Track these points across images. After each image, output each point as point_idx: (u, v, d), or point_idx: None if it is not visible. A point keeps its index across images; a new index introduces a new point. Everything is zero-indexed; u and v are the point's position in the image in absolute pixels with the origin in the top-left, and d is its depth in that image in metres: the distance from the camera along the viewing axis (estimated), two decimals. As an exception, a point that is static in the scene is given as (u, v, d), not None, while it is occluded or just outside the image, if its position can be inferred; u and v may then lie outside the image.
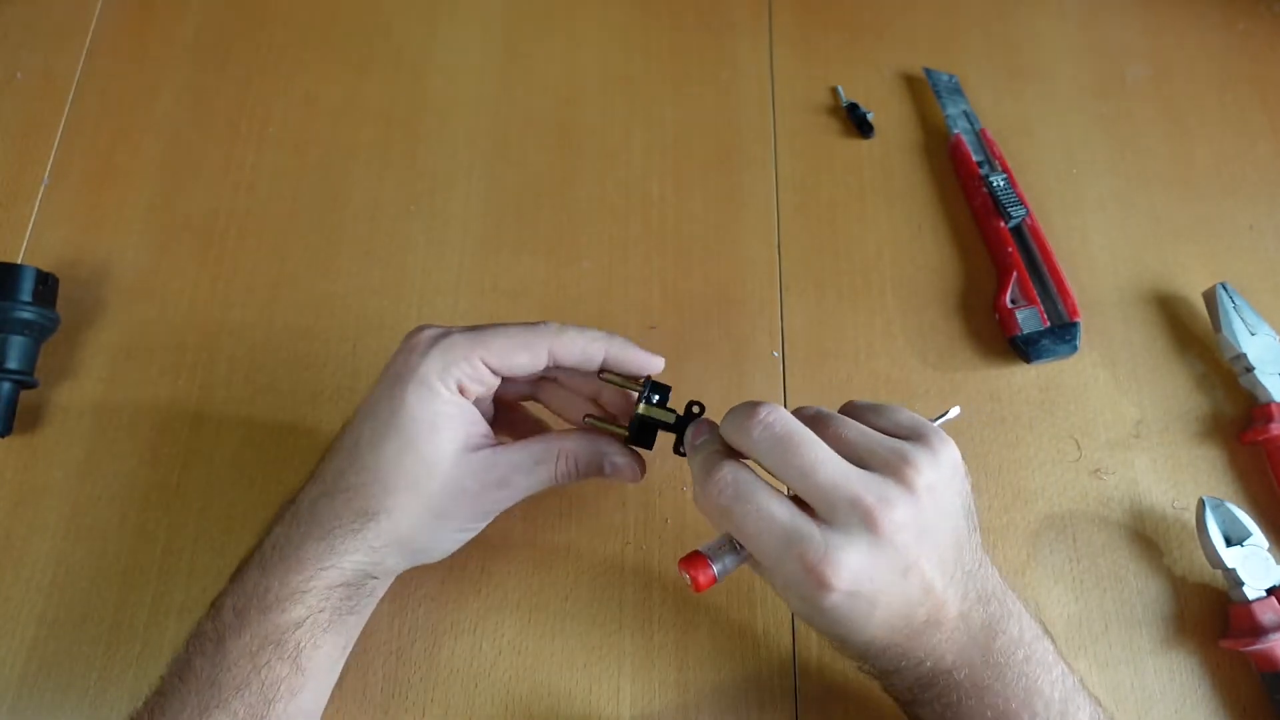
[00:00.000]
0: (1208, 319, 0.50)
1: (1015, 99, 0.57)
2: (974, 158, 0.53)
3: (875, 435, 0.33)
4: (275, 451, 0.44)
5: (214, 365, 0.46)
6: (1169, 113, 0.58)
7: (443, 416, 0.34)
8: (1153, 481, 0.47)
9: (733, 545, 0.33)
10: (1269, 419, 0.46)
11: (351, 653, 0.36)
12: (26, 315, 0.43)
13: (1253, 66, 0.60)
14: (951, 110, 0.55)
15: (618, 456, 0.37)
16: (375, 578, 0.35)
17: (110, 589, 0.41)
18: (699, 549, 0.33)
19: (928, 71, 0.57)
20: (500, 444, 0.36)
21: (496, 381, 0.36)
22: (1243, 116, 0.58)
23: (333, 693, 0.36)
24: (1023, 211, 0.51)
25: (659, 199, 0.52)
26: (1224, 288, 0.49)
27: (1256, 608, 0.41)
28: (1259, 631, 0.41)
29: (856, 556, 0.30)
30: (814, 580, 0.30)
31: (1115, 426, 0.48)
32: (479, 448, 0.35)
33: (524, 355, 0.35)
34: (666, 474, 0.45)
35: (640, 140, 0.54)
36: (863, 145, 0.55)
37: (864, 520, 0.30)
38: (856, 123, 0.55)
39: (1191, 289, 0.52)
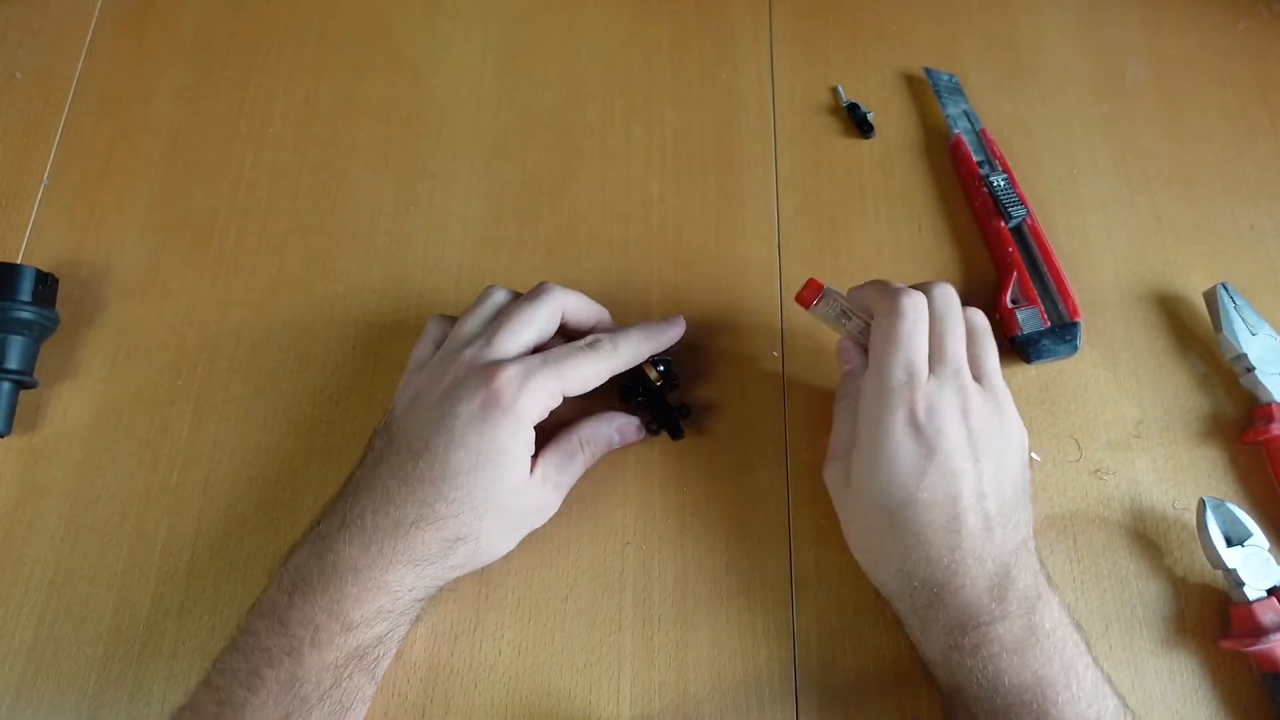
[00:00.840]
0: (1208, 319, 0.50)
1: (1015, 99, 0.57)
2: (974, 158, 0.53)
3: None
4: (275, 452, 0.44)
5: (214, 365, 0.46)
6: (1169, 112, 0.58)
7: (525, 446, 0.37)
8: (1153, 481, 0.47)
9: (847, 314, 0.42)
10: (1270, 419, 0.46)
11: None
12: (26, 315, 0.43)
13: (1254, 66, 0.60)
14: (951, 110, 0.55)
15: (625, 425, 0.43)
16: (445, 588, 0.39)
17: (110, 589, 0.41)
18: (824, 284, 0.42)
19: (928, 71, 0.57)
20: (538, 453, 0.39)
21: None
22: (1244, 116, 0.58)
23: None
24: (1023, 211, 0.51)
25: (659, 199, 0.52)
26: (1225, 288, 0.49)
27: (1257, 608, 0.41)
28: (1260, 632, 0.41)
29: (941, 396, 0.37)
30: (906, 393, 0.37)
31: (1116, 426, 0.48)
32: (533, 461, 0.38)
33: (595, 381, 0.39)
34: (666, 475, 0.45)
35: (640, 140, 0.54)
36: (863, 145, 0.55)
37: (959, 383, 0.38)
38: (856, 123, 0.55)
39: (1192, 289, 0.52)
